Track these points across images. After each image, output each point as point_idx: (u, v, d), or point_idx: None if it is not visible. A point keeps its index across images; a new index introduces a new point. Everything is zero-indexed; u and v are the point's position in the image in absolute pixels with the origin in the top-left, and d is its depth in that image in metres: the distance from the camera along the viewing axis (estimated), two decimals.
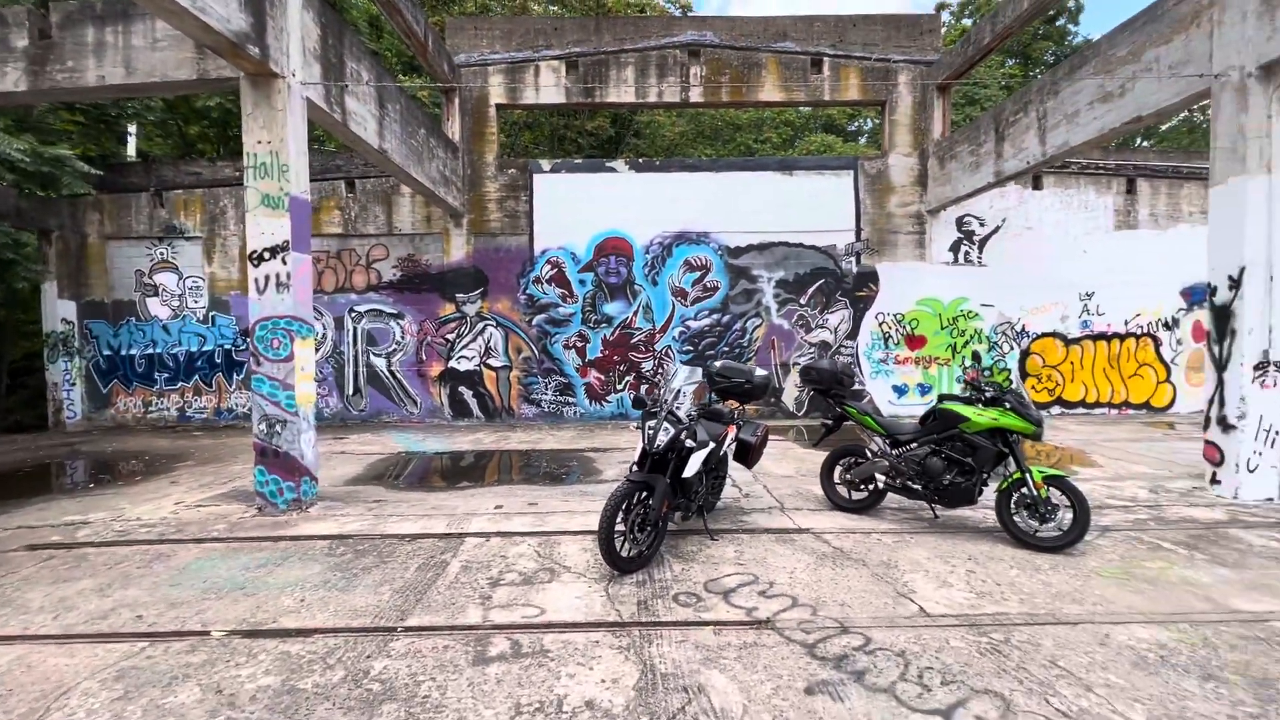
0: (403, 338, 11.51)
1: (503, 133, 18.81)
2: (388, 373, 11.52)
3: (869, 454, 5.18)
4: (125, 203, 11.64)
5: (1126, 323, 11.74)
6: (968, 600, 3.52)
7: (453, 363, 11.49)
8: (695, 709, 2.50)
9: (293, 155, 5.40)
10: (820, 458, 5.86)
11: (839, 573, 3.94)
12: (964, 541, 4.52)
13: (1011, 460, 4.55)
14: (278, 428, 5.39)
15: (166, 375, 11.71)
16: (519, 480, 6.77)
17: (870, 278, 11.54)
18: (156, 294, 11.67)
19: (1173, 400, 11.76)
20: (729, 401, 5.32)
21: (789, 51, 11.35)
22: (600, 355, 11.49)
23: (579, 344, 11.49)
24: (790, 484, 6.34)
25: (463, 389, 11.50)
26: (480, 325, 11.50)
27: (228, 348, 11.65)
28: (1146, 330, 11.77)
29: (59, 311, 11.46)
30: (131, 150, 14.68)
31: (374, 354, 11.53)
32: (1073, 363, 11.72)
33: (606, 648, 3.00)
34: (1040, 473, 4.35)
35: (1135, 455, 7.80)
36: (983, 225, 11.58)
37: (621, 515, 3.91)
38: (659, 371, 11.43)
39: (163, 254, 11.66)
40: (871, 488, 5.16)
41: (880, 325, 11.55)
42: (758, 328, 11.54)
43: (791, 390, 11.56)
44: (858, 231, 11.52)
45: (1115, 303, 11.69)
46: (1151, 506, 5.43)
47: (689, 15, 18.94)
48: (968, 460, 4.63)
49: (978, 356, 4.28)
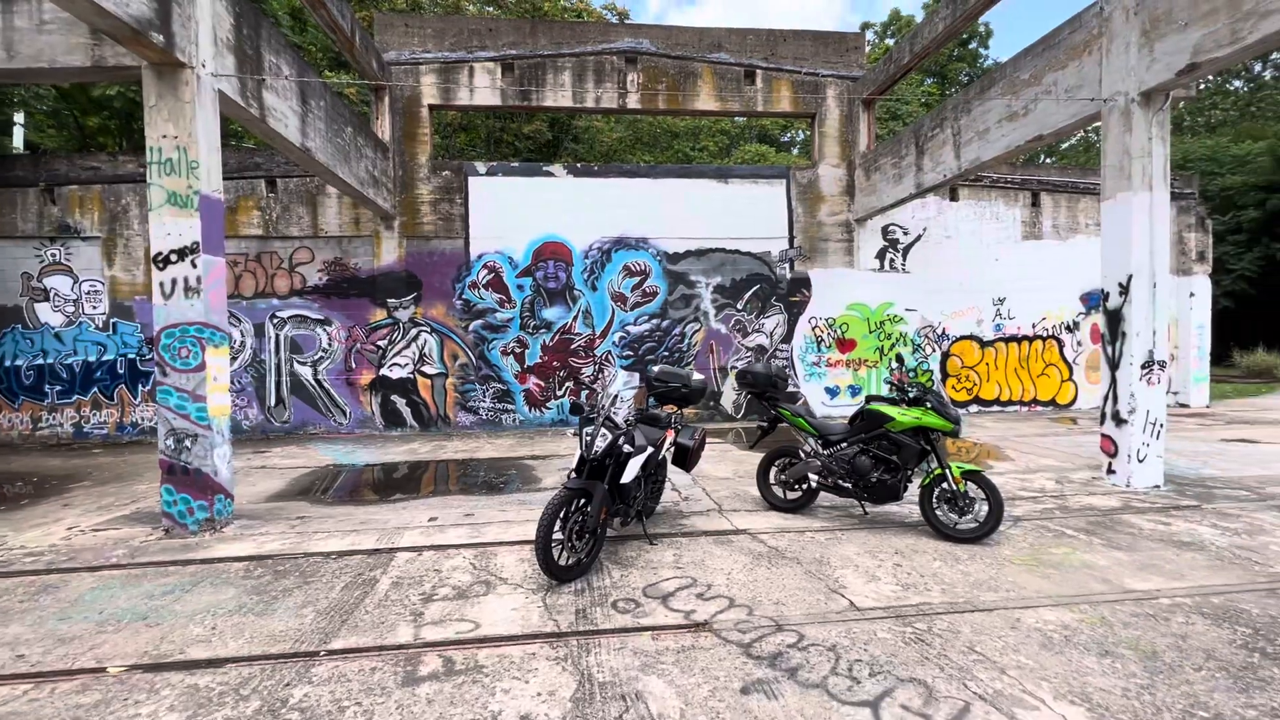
0: (330, 345, 10.98)
1: (437, 134, 18.34)
2: (314, 382, 10.95)
3: (802, 455, 5.33)
4: (9, 199, 10.57)
5: (1034, 326, 12.64)
6: (894, 593, 3.68)
7: (384, 370, 11.05)
8: (633, 716, 2.49)
9: (203, 151, 5.06)
10: (757, 459, 5.99)
11: (774, 572, 4.02)
12: (891, 536, 4.72)
13: (933, 457, 4.80)
14: (187, 442, 5.01)
15: (60, 388, 10.69)
16: (455, 491, 6.58)
17: (803, 284, 11.93)
18: (47, 299, 10.65)
19: (1075, 397, 12.74)
20: (668, 406, 5.36)
21: (723, 62, 11.61)
22: (539, 361, 11.34)
23: (517, 350, 11.30)
24: (728, 486, 6.44)
25: (395, 398, 11.08)
26: (414, 331, 11.12)
27: (131, 357, 10.76)
28: (1051, 333, 12.71)
29: None
30: (19, 142, 13.38)
31: (299, 362, 10.93)
32: (988, 363, 12.50)
33: (543, 659, 2.94)
34: (959, 468, 4.60)
35: (1043, 449, 8.39)
36: (906, 234, 12.20)
37: (559, 523, 3.86)
38: (598, 377, 11.40)
39: (55, 255, 10.66)
40: (805, 487, 5.31)
41: (813, 329, 11.95)
42: (696, 332, 11.70)
43: (730, 394, 11.77)
44: (791, 239, 11.90)
45: (1024, 307, 12.56)
46: (1057, 496, 5.85)
47: (625, 23, 19.08)
48: (893, 458, 4.84)
49: (901, 359, 4.51)
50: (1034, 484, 6.36)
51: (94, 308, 10.73)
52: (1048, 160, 31.28)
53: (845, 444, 5.09)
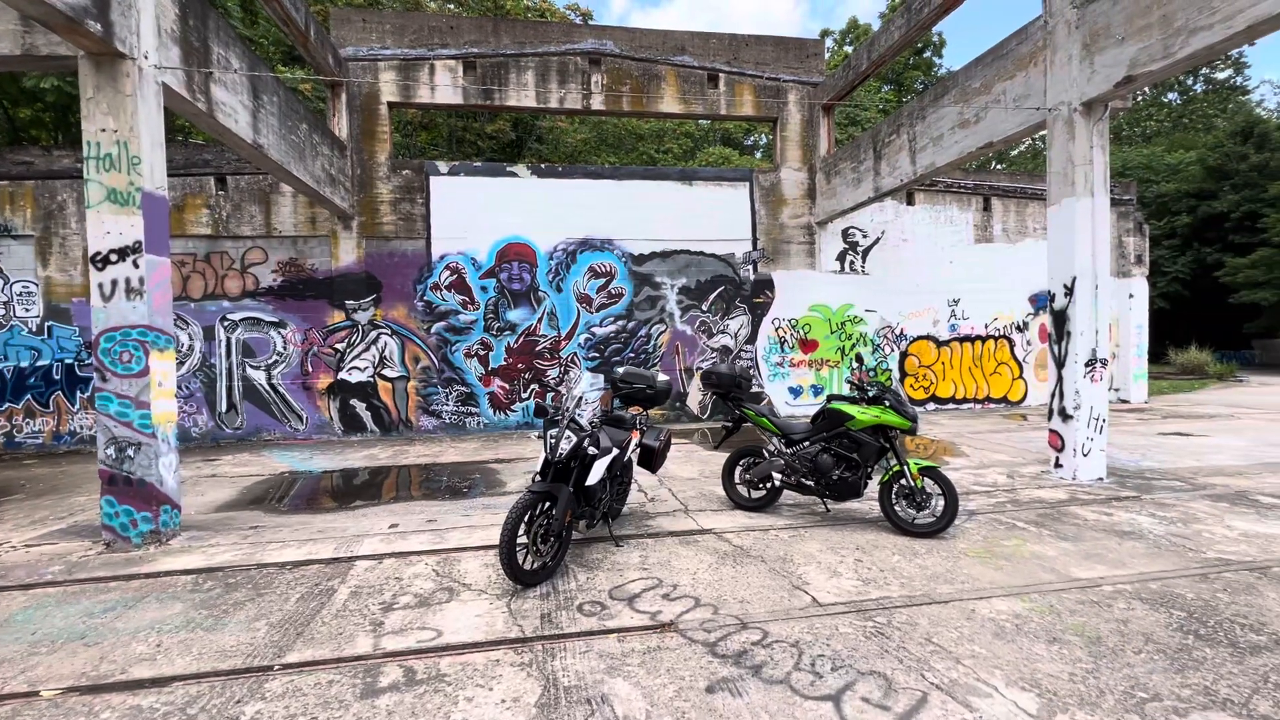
0: (285, 348, 10.62)
1: (397, 133, 17.98)
2: (268, 386, 10.58)
3: (766, 454, 5.40)
4: None
5: (987, 326, 13.11)
6: (855, 588, 3.75)
7: (343, 374, 10.76)
8: (599, 719, 2.48)
9: (145, 146, 4.83)
10: (722, 459, 6.04)
11: (739, 571, 4.06)
12: (852, 532, 4.81)
13: (892, 454, 4.93)
14: (130, 451, 4.78)
15: None
16: (417, 496, 6.44)
17: (767, 285, 12.10)
18: None
19: (1025, 394, 13.26)
20: (634, 407, 5.36)
21: (687, 65, 11.69)
22: (504, 363, 11.21)
23: (481, 352, 11.14)
24: (694, 486, 6.48)
25: (355, 402, 10.79)
26: (374, 334, 10.86)
27: (69, 362, 10.21)
28: (1003, 332, 13.20)
29: None
30: None
31: (251, 366, 10.54)
32: (944, 362, 12.91)
33: (508, 666, 2.90)
34: (916, 465, 4.73)
35: (996, 445, 8.70)
36: (865, 237, 12.50)
37: (524, 527, 3.82)
38: (564, 379, 11.33)
39: None
40: (769, 486, 5.38)
41: (776, 330, 12.13)
42: (662, 334, 11.74)
43: (695, 394, 11.85)
44: (754, 241, 12.05)
45: (977, 308, 13.02)
46: (1008, 490, 6.07)
47: (589, 23, 19.04)
48: (854, 456, 4.95)
49: (861, 358, 4.60)
50: (987, 479, 6.58)
51: (27, 310, 10.14)
52: (998, 167, 32.51)
53: (807, 443, 5.18)
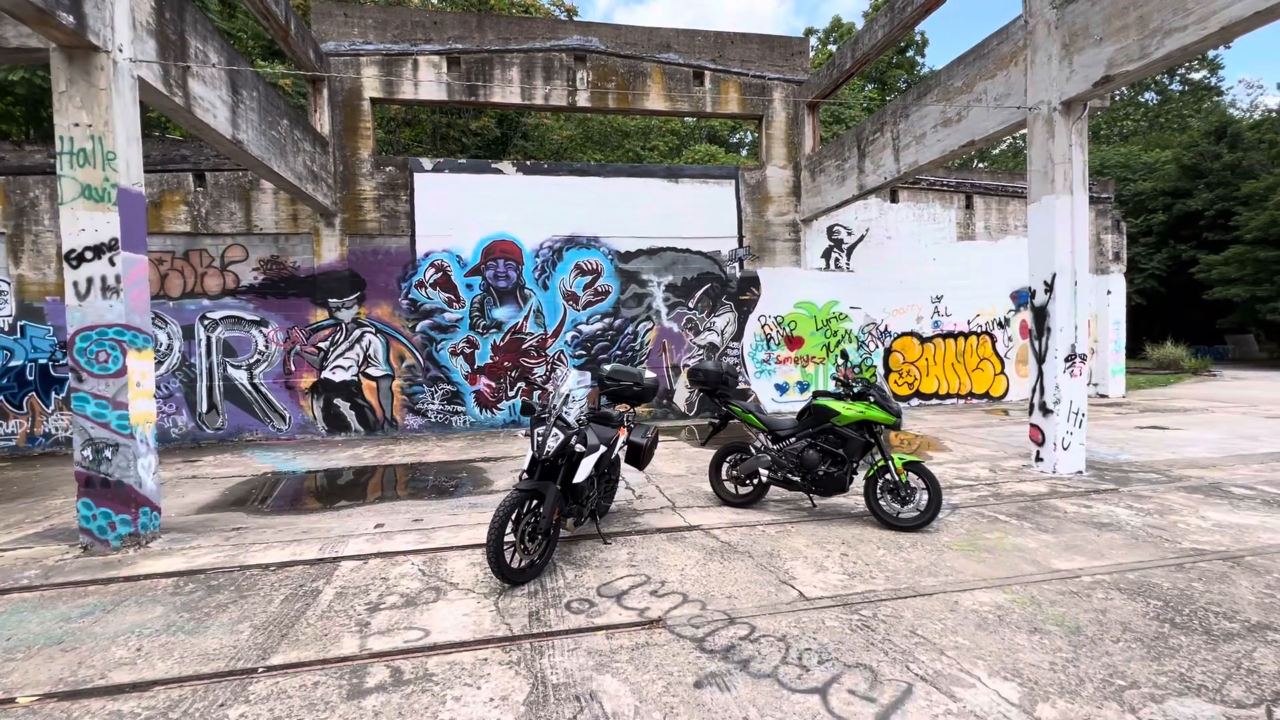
0: (267, 347, 10.47)
1: (381, 129, 17.77)
2: (249, 386, 10.42)
3: (753, 450, 5.43)
4: None
5: (969, 322, 13.27)
6: (841, 582, 3.79)
7: (326, 373, 10.63)
8: (587, 716, 2.48)
9: (121, 142, 4.73)
10: (710, 456, 6.06)
11: (727, 566, 4.08)
12: (838, 527, 4.86)
13: (877, 450, 4.98)
14: (107, 453, 4.69)
15: None
16: (403, 496, 6.39)
17: (752, 282, 12.15)
18: None
19: (1007, 390, 13.45)
20: (621, 405, 5.36)
21: (673, 63, 11.69)
22: (490, 361, 11.15)
23: (467, 350, 11.07)
24: (682, 483, 6.50)
25: (339, 401, 10.68)
26: (357, 332, 10.74)
27: (43, 362, 9.98)
28: (985, 329, 13.37)
29: None
30: None
31: (232, 365, 10.38)
32: (927, 359, 13.05)
33: (496, 664, 2.90)
34: (901, 459, 4.78)
35: (979, 440, 8.82)
36: (850, 234, 12.59)
37: (511, 525, 3.81)
38: (550, 377, 11.29)
39: None
40: (756, 482, 5.41)
41: (763, 327, 12.18)
42: (649, 331, 11.74)
43: (682, 392, 11.87)
44: (740, 238, 12.09)
45: (960, 305, 13.17)
46: (991, 484, 6.16)
47: (575, 20, 18.94)
48: (839, 451, 4.99)
49: (846, 355, 4.67)
50: (970, 473, 6.67)
51: None
52: (980, 165, 32.92)
53: (794, 439, 5.21)
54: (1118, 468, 6.77)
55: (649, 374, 5.25)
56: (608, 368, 5.28)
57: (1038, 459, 6.64)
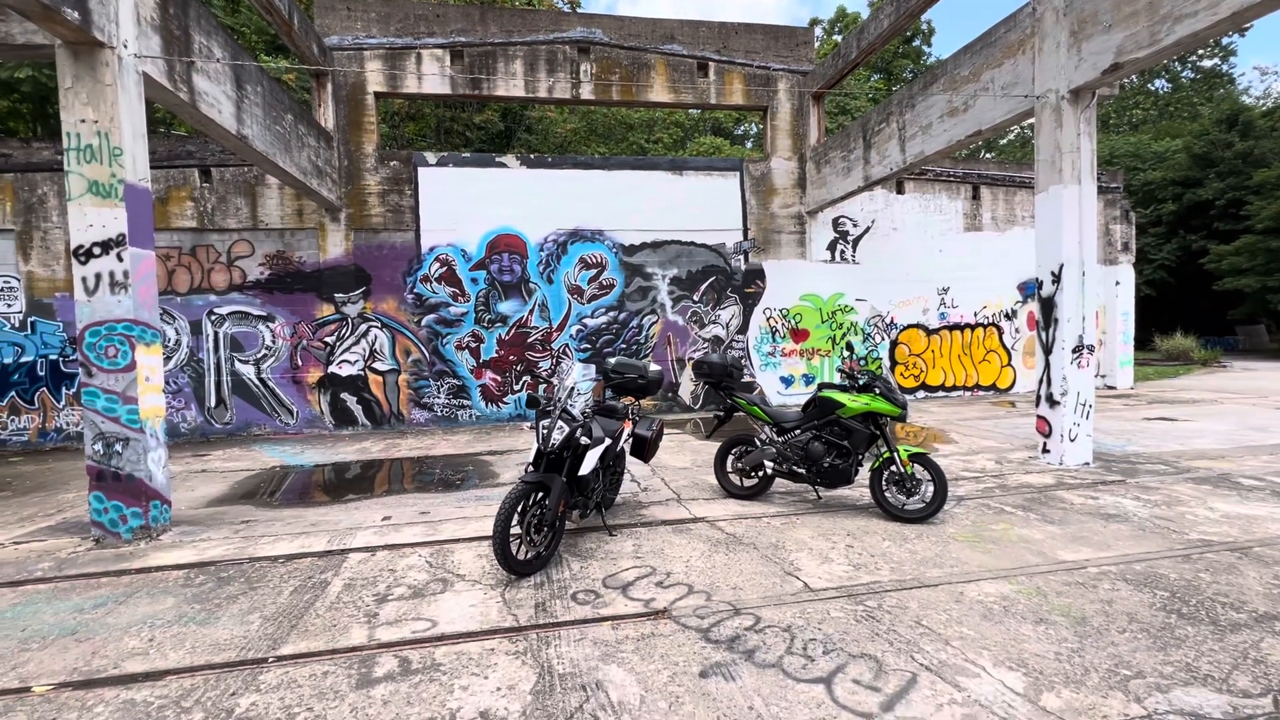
0: (274, 342, 10.53)
1: (384, 123, 17.77)
2: (257, 381, 10.49)
3: (758, 442, 5.43)
4: None
5: (976, 314, 13.20)
6: (846, 573, 3.80)
7: (333, 368, 10.68)
8: (593, 705, 2.50)
9: (127, 137, 4.75)
10: (715, 449, 6.07)
11: (732, 558, 4.10)
12: (843, 519, 4.86)
13: (882, 441, 4.97)
14: (118, 447, 4.74)
15: None
16: (410, 489, 6.43)
17: (758, 275, 12.11)
18: None
19: (1014, 382, 13.39)
20: (627, 398, 5.37)
21: (677, 54, 11.62)
22: (496, 355, 11.17)
23: (473, 344, 11.10)
24: (687, 475, 6.51)
25: (345, 395, 10.73)
26: (363, 327, 10.78)
27: (54, 358, 10.08)
28: (992, 320, 13.30)
29: None
30: None
31: (240, 360, 10.45)
32: (933, 351, 12.99)
33: (502, 654, 2.92)
34: (906, 451, 4.77)
35: (984, 432, 8.79)
36: (855, 226, 12.52)
37: (517, 518, 3.83)
38: (554, 371, 11.31)
39: None
40: (761, 474, 5.42)
41: (768, 320, 12.16)
42: (654, 324, 11.74)
43: (688, 385, 11.87)
44: (745, 231, 12.05)
45: (966, 296, 13.10)
46: (997, 476, 6.14)
47: (578, 11, 18.85)
48: (844, 443, 4.99)
49: (851, 347, 4.65)
50: (976, 464, 6.65)
51: (9, 306, 9.98)
52: (987, 155, 32.64)
53: (799, 431, 5.21)
54: (1125, 459, 6.73)
55: (654, 367, 5.25)
56: (612, 361, 5.29)
57: (1044, 451, 6.61)
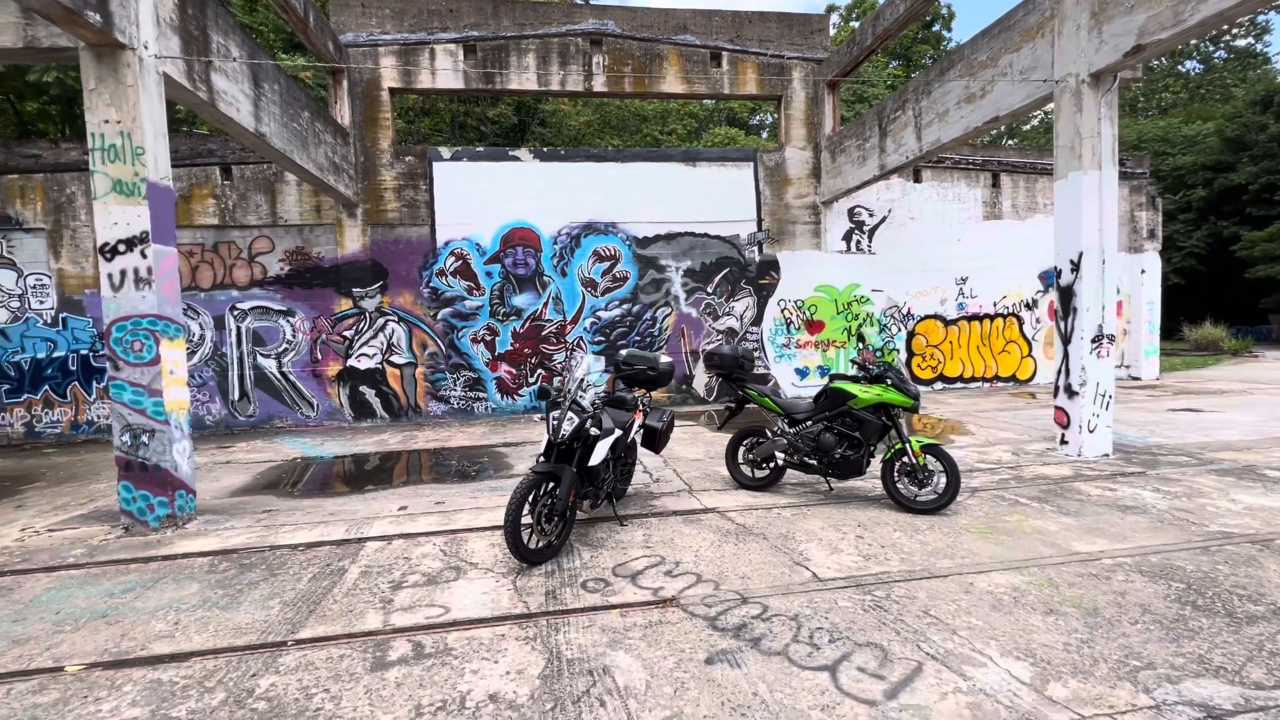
0: (294, 336, 10.73)
1: (400, 119, 17.92)
2: (278, 374, 10.71)
3: (769, 434, 5.43)
4: None
5: (995, 304, 12.99)
6: (855, 563, 3.80)
7: (352, 361, 10.87)
8: (600, 689, 2.55)
9: (149, 137, 4.87)
10: (727, 440, 6.08)
11: (741, 548, 4.12)
12: (855, 510, 4.85)
13: (894, 432, 4.94)
14: (144, 438, 4.89)
15: (8, 387, 10.26)
16: (426, 480, 6.54)
17: (772, 266, 12.04)
18: None
19: (1034, 373, 13.17)
20: (640, 390, 5.40)
21: (689, 44, 11.55)
22: (511, 348, 11.27)
23: (488, 337, 11.20)
24: (699, 467, 6.53)
25: (364, 388, 10.91)
26: (381, 321, 10.94)
27: (84, 353, 10.38)
28: (1011, 310, 13.08)
29: None
30: None
31: (262, 354, 10.67)
32: (951, 342, 12.82)
33: (512, 640, 2.98)
34: (918, 442, 4.74)
35: (1002, 423, 8.67)
36: (872, 215, 12.38)
37: (528, 507, 3.89)
38: (567, 363, 11.38)
39: None
40: (772, 465, 5.42)
41: (782, 311, 12.09)
42: (667, 316, 11.74)
43: (702, 377, 11.87)
44: (759, 221, 11.97)
45: (985, 286, 12.89)
46: (1013, 467, 6.07)
47: (590, 3, 18.78)
48: (856, 434, 4.97)
49: (862, 337, 4.62)
50: (992, 456, 6.58)
51: (41, 302, 10.30)
52: (1010, 142, 31.95)
53: (810, 422, 5.20)
54: (1146, 450, 6.61)
55: (664, 359, 5.27)
56: (624, 353, 5.32)
57: (1062, 442, 6.52)
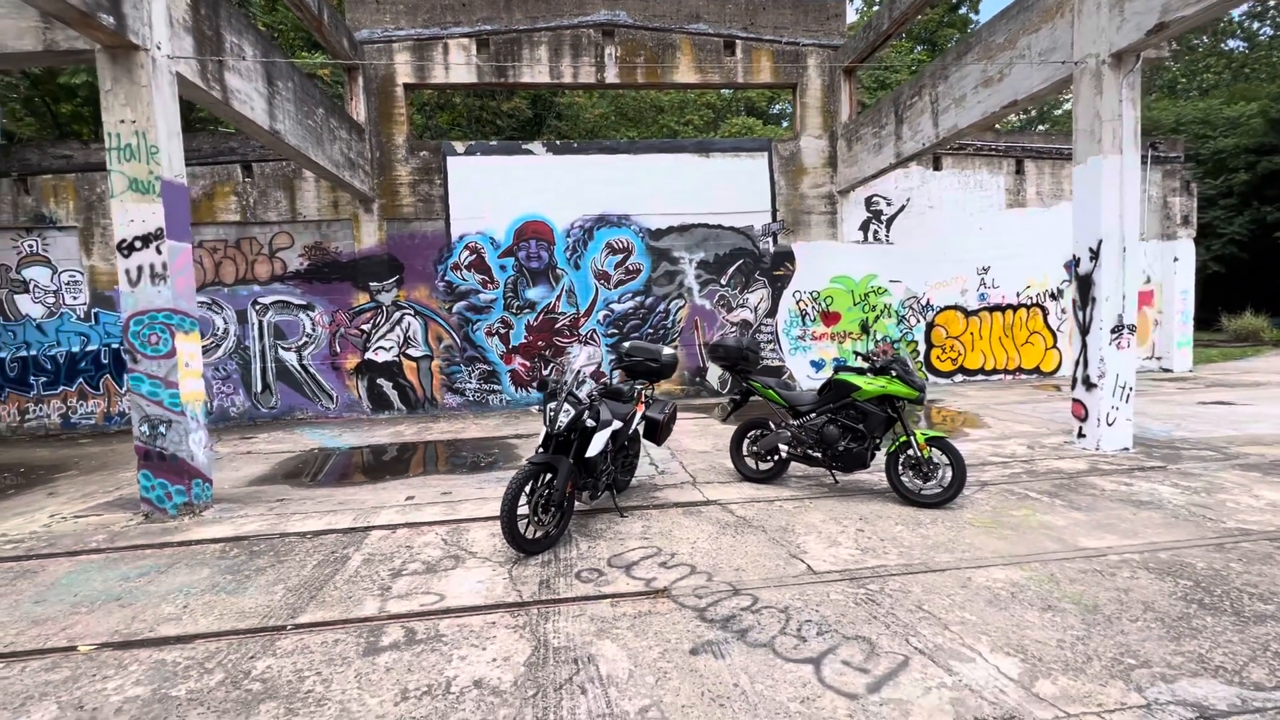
0: (314, 330, 10.96)
1: (419, 114, 18.10)
2: (299, 367, 10.96)
3: (773, 426, 5.40)
4: None
5: (1018, 294, 12.66)
6: (852, 556, 3.76)
7: (369, 354, 11.06)
8: (582, 677, 2.57)
9: (162, 136, 5.00)
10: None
11: (738, 540, 4.11)
12: (858, 503, 4.80)
13: (900, 425, 4.87)
14: (162, 428, 5.06)
15: (45, 379, 10.69)
16: (436, 471, 6.65)
17: (787, 257, 11.90)
18: (27, 290, 10.59)
19: (1059, 365, 12.82)
20: (643, 382, 5.39)
21: (702, 33, 11.42)
22: (524, 341, 11.36)
23: (502, 330, 11.30)
24: (706, 459, 6.52)
25: (381, 381, 11.11)
26: (397, 314, 11.11)
27: (115, 347, 10.75)
28: (1036, 301, 12.73)
29: None
30: None
31: (283, 348, 10.93)
32: (972, 333, 12.55)
33: (502, 628, 3.03)
34: (923, 435, 4.67)
35: (1021, 416, 8.48)
36: (889, 205, 12.14)
37: (525, 498, 3.93)
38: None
39: (32, 246, 10.57)
40: (776, 458, 5.39)
41: (797, 303, 11.95)
42: (681, 309, 11.70)
43: (715, 369, 11.81)
44: (773, 212, 11.83)
45: (1008, 276, 12.57)
46: (1026, 461, 5.94)
47: None
48: (860, 427, 4.91)
49: (865, 327, 4.52)
50: (1006, 449, 6.44)
51: (74, 298, 10.68)
52: (1041, 128, 31.02)
53: (814, 414, 5.15)
54: (1170, 444, 6.40)
55: (667, 350, 5.26)
56: (626, 345, 5.34)
57: (1080, 435, 6.35)
